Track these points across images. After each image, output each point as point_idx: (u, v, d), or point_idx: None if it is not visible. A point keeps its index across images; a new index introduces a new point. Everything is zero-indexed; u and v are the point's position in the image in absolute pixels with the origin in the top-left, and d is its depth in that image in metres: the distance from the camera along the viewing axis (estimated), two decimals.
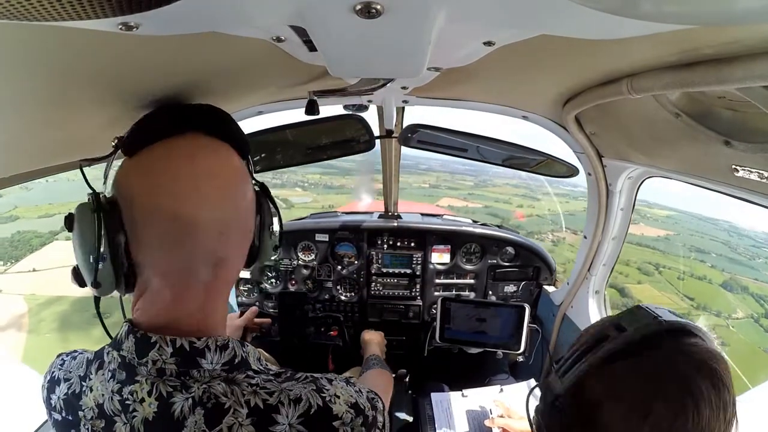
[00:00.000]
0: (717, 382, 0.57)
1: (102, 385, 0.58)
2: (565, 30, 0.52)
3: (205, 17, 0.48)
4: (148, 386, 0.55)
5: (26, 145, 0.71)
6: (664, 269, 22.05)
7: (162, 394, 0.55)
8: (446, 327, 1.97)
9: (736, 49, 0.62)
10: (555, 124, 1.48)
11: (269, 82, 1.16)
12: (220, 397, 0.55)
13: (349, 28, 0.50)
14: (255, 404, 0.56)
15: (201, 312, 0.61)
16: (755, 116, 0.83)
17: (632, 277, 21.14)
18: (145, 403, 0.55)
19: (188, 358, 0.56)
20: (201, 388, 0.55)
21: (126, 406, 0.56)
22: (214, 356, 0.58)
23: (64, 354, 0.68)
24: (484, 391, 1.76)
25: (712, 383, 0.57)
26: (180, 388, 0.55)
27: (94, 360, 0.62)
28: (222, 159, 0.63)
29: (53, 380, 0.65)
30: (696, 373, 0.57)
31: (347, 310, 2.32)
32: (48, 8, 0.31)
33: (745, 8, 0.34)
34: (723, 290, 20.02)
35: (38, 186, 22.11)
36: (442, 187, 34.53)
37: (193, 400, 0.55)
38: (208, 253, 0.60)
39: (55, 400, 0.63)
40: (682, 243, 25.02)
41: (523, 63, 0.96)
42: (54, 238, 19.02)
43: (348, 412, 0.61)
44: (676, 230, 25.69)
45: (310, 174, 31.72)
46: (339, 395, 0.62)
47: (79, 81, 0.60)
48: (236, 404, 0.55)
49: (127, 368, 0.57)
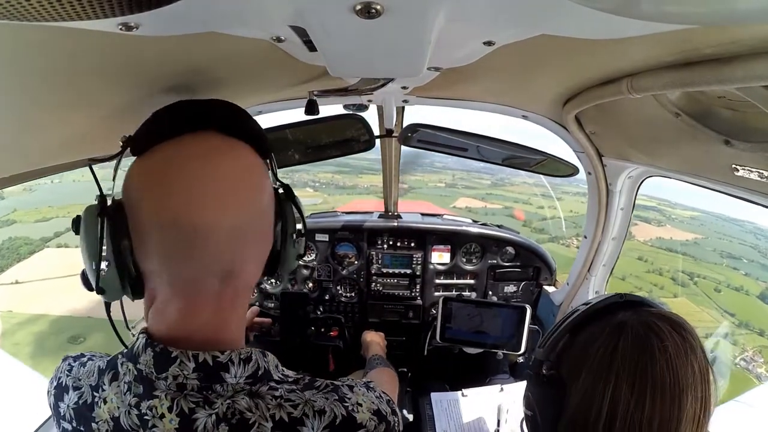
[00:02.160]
0: (679, 328, 0.62)
1: (117, 397, 0.56)
2: (565, 30, 0.52)
3: (205, 17, 0.48)
4: (168, 402, 0.53)
5: (28, 144, 0.71)
6: (699, 279, 19.98)
7: (183, 410, 0.53)
8: (447, 327, 1.97)
9: (736, 49, 0.62)
10: (555, 124, 1.48)
11: (269, 82, 1.16)
12: (245, 413, 0.54)
13: (349, 28, 0.50)
14: (280, 417, 0.55)
15: (216, 323, 0.58)
16: (755, 116, 0.83)
17: (668, 290, 19.27)
18: (165, 419, 0.53)
19: (211, 372, 0.55)
20: (225, 404, 0.54)
21: (145, 421, 0.54)
22: (238, 370, 0.56)
23: (71, 358, 0.65)
24: (485, 390, 1.76)
25: (673, 327, 0.62)
26: (203, 404, 0.54)
27: (107, 370, 0.59)
28: (237, 159, 0.59)
29: (60, 386, 0.62)
30: (657, 320, 0.63)
31: (347, 311, 2.32)
32: (48, 8, 0.31)
33: (745, 8, 0.34)
34: (762, 303, 17.98)
35: (42, 187, 21.53)
36: (458, 186, 32.24)
37: (217, 416, 0.53)
38: (219, 264, 0.56)
39: (64, 408, 0.60)
40: (712, 248, 22.80)
41: (523, 63, 0.96)
42: (45, 245, 18.18)
43: (372, 420, 0.60)
44: (704, 233, 23.58)
45: (322, 173, 29.85)
46: (361, 403, 0.61)
47: (79, 81, 0.60)
48: (261, 419, 0.54)
49: (144, 382, 0.55)
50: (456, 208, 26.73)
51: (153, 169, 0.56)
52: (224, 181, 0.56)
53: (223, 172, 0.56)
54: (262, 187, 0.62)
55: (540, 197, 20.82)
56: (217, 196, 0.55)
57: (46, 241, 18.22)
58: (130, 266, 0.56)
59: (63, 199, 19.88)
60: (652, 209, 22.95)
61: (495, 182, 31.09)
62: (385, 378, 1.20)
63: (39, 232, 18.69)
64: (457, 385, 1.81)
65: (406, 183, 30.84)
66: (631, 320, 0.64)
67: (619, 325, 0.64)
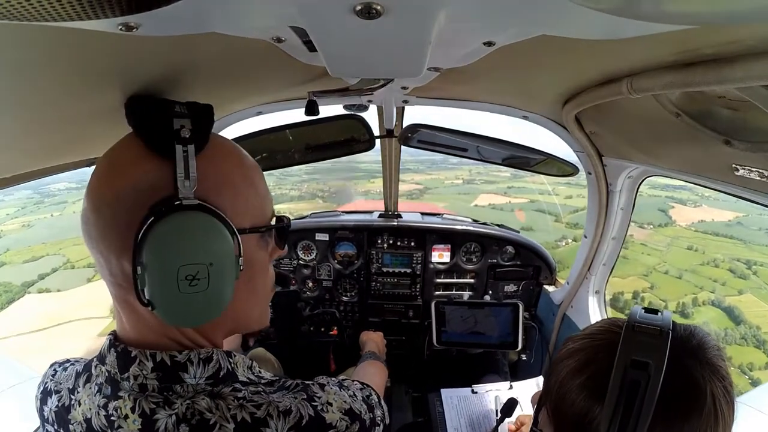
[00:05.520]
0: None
1: (89, 399, 0.57)
2: (565, 30, 0.52)
3: (205, 17, 0.48)
4: (131, 402, 0.54)
5: (27, 145, 0.71)
6: (757, 267, 17.45)
7: (145, 411, 0.53)
8: (442, 330, 1.98)
9: (736, 49, 0.62)
10: (555, 124, 1.48)
11: (269, 83, 1.16)
12: (204, 413, 0.53)
13: (349, 29, 0.50)
14: (242, 418, 0.54)
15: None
16: (755, 116, 0.83)
17: (730, 285, 16.66)
18: (129, 419, 0.53)
19: (169, 373, 0.55)
20: (184, 404, 0.53)
21: (111, 422, 0.54)
22: (197, 370, 0.56)
23: (57, 364, 0.66)
24: (494, 387, 1.76)
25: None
26: (163, 405, 0.53)
27: (83, 372, 0.60)
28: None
29: (45, 391, 0.63)
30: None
31: (347, 310, 2.32)
32: (48, 8, 0.31)
33: (745, 8, 0.34)
34: None
35: (41, 222, 20.57)
36: (477, 182, 30.09)
37: (177, 417, 0.53)
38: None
39: (47, 412, 0.62)
40: (757, 227, 20.04)
41: (523, 63, 0.96)
42: (26, 290, 16.80)
43: (342, 420, 0.59)
44: (743, 210, 20.37)
45: (333, 181, 27.47)
46: (332, 402, 0.60)
47: (78, 81, 0.60)
48: (222, 419, 0.53)
49: (111, 383, 0.56)
50: (478, 207, 24.78)
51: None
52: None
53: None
54: None
55: (566, 186, 18.90)
56: None
57: (28, 286, 16.98)
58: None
59: (59, 234, 18.83)
60: (681, 188, 20.63)
61: (514, 174, 26.56)
62: (371, 370, 1.19)
63: (24, 274, 17.40)
64: (459, 385, 1.81)
65: (421, 183, 29.06)
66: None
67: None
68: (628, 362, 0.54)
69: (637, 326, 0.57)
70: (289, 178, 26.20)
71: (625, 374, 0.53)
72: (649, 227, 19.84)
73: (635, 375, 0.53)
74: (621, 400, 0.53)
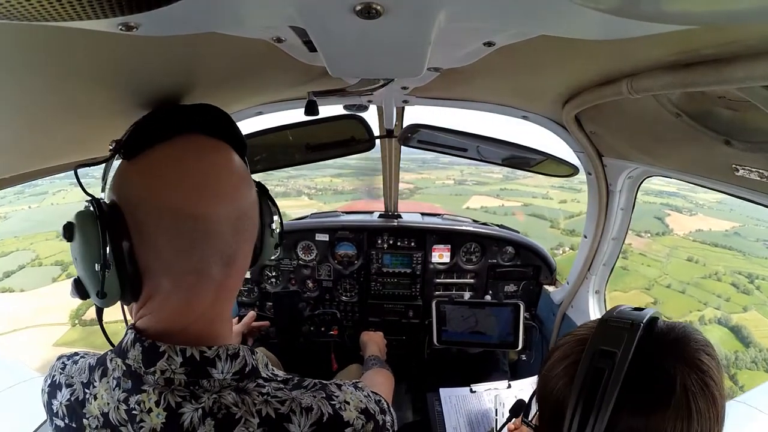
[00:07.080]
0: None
1: (107, 393, 0.57)
2: (565, 30, 0.52)
3: (205, 18, 0.48)
4: (156, 396, 0.54)
5: (26, 145, 0.71)
6: (759, 281, 16.86)
7: (170, 405, 0.54)
8: (443, 329, 1.98)
9: (736, 49, 0.62)
10: (555, 124, 1.48)
11: (269, 83, 1.16)
12: (231, 408, 0.54)
13: (349, 29, 0.50)
14: (267, 414, 0.55)
15: (209, 316, 0.60)
16: (755, 116, 0.83)
17: (734, 301, 15.98)
18: (152, 413, 0.54)
19: (198, 367, 0.55)
20: (211, 399, 0.54)
21: (133, 416, 0.55)
22: (225, 365, 0.57)
23: (65, 357, 0.67)
24: (492, 386, 1.76)
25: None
26: (189, 399, 0.54)
27: (96, 366, 0.60)
28: (226, 157, 0.63)
29: (54, 384, 0.63)
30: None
31: (347, 310, 2.32)
32: (48, 8, 0.31)
33: (745, 8, 0.34)
34: None
35: (18, 214, 19.55)
36: (469, 183, 29.75)
37: (203, 411, 0.54)
38: (221, 250, 0.59)
39: (56, 405, 0.62)
40: (754, 237, 19.94)
41: (523, 63, 0.96)
42: None
43: (359, 418, 0.61)
44: (739, 220, 20.53)
45: (320, 177, 27.21)
46: (349, 401, 0.62)
47: (78, 81, 0.60)
48: (247, 414, 0.54)
49: (132, 377, 0.56)
50: (470, 210, 24.13)
51: (149, 168, 0.58)
52: (218, 174, 0.60)
53: (216, 167, 0.60)
54: (250, 181, 0.66)
55: (559, 190, 19.09)
56: (212, 188, 0.59)
57: None
58: (129, 266, 0.56)
59: (34, 227, 17.96)
60: (674, 195, 20.81)
61: (507, 175, 27.70)
62: (379, 379, 1.20)
63: None
64: (459, 384, 1.81)
65: (412, 183, 28.16)
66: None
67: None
68: (596, 351, 0.56)
69: (610, 320, 0.59)
70: (275, 173, 24.46)
71: (591, 363, 0.56)
72: (646, 236, 19.39)
73: (601, 363, 0.55)
74: (585, 386, 0.55)
